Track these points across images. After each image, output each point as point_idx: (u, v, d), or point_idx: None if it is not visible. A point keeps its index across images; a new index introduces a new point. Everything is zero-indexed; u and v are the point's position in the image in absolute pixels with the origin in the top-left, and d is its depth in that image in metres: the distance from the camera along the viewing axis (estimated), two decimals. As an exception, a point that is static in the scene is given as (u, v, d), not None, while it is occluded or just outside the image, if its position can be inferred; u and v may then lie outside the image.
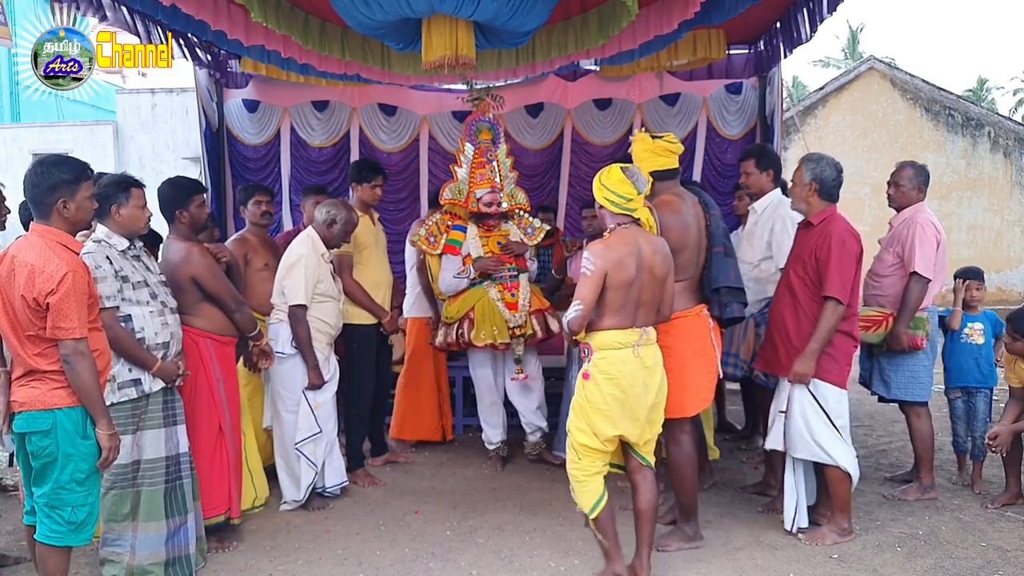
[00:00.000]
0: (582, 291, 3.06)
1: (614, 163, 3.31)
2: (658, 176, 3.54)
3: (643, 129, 3.86)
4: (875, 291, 4.28)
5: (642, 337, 3.13)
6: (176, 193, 3.66)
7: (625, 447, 3.25)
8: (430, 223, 5.01)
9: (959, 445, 4.60)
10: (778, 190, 4.37)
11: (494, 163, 4.94)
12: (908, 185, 4.27)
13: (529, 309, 4.81)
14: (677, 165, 3.64)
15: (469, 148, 4.98)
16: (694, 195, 3.71)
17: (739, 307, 3.73)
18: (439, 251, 4.92)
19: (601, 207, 3.22)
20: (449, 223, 4.97)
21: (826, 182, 3.71)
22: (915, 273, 4.08)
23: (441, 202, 4.99)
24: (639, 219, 3.19)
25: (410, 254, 5.52)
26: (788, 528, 3.76)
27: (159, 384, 3.29)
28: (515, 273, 4.86)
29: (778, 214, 4.22)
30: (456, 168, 5.00)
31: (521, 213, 5.08)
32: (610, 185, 3.16)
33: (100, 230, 3.28)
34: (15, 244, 2.85)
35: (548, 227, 5.22)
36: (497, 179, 4.91)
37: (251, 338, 3.90)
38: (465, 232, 4.92)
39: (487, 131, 5.01)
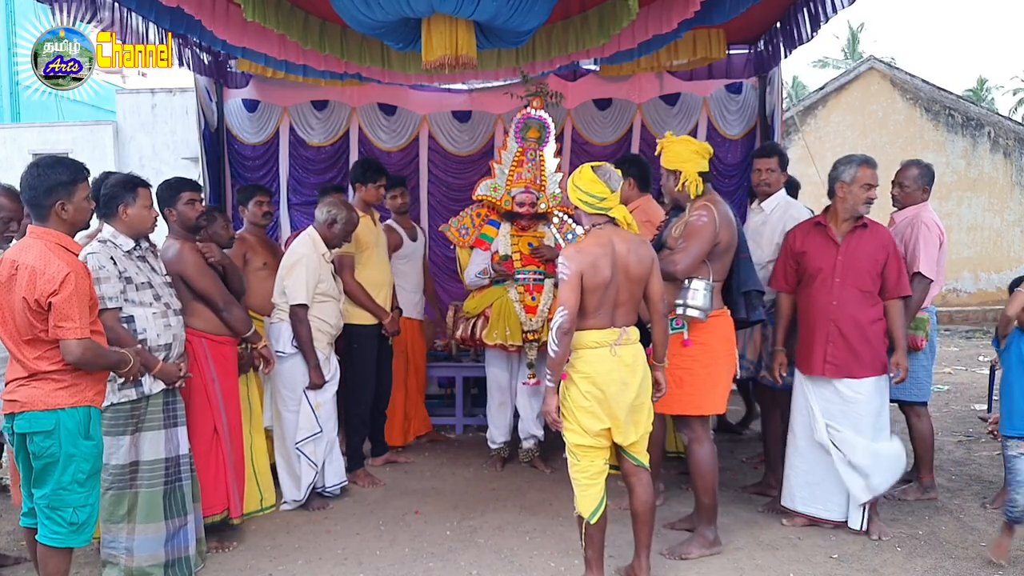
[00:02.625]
0: (563, 296, 3.06)
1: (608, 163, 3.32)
2: (703, 178, 3.60)
3: (662, 134, 3.83)
4: None
5: (621, 336, 3.12)
6: (164, 192, 3.68)
7: (618, 449, 3.25)
8: (464, 214, 5.00)
9: (1015, 511, 3.45)
10: (783, 190, 4.36)
11: (536, 162, 4.90)
12: (913, 185, 4.27)
13: (549, 315, 4.78)
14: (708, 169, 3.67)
15: (513, 145, 4.93)
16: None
17: (763, 310, 3.85)
18: (470, 244, 4.91)
19: (576, 208, 3.23)
20: (485, 217, 4.96)
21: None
22: (918, 273, 4.09)
23: (474, 197, 4.98)
24: (615, 219, 3.19)
25: (413, 248, 5.49)
26: (859, 528, 3.77)
27: (159, 386, 3.29)
28: (540, 277, 4.84)
29: (789, 216, 4.20)
30: (495, 164, 4.97)
31: (563, 217, 5.01)
32: (582, 186, 3.15)
33: (106, 230, 3.29)
34: (14, 248, 2.85)
35: None
36: (538, 179, 4.89)
37: (247, 339, 3.88)
38: (498, 228, 4.91)
39: (536, 129, 4.92)
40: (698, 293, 3.48)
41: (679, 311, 3.50)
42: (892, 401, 4.40)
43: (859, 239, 3.76)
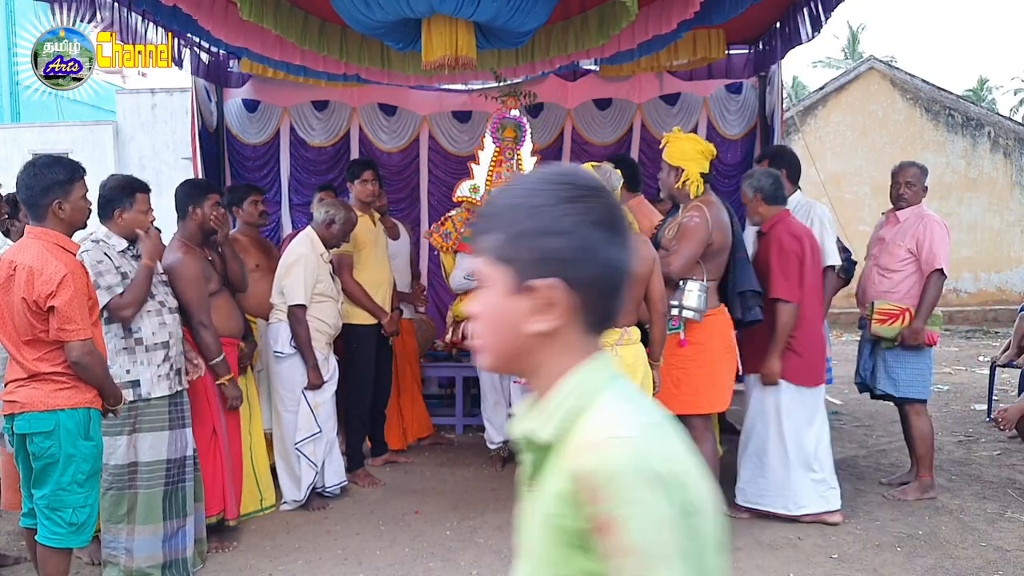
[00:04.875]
0: None
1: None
2: (703, 179, 3.62)
3: (662, 134, 3.85)
4: (885, 287, 4.29)
5: (622, 336, 3.13)
6: (192, 190, 3.70)
7: None
8: (446, 219, 5.01)
9: None
10: (799, 191, 4.40)
11: (514, 161, 4.92)
12: (919, 183, 4.36)
13: None
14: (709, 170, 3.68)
15: (490, 145, 4.95)
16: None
17: (759, 310, 3.85)
18: (454, 248, 4.92)
19: None
20: (466, 220, 4.97)
21: (765, 189, 3.95)
22: (939, 270, 4.16)
23: (454, 199, 4.99)
24: None
25: (396, 248, 5.47)
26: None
27: (161, 391, 3.28)
28: None
29: (814, 214, 4.27)
30: (474, 165, 4.98)
31: None
32: None
33: (100, 230, 3.29)
34: (12, 248, 2.85)
35: None
36: None
37: (213, 367, 3.65)
38: None
39: (511, 129, 4.97)
40: (692, 294, 3.51)
41: (674, 312, 3.52)
42: (888, 399, 4.39)
43: (760, 248, 3.97)
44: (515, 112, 5.00)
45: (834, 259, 4.18)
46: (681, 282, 3.52)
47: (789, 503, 3.91)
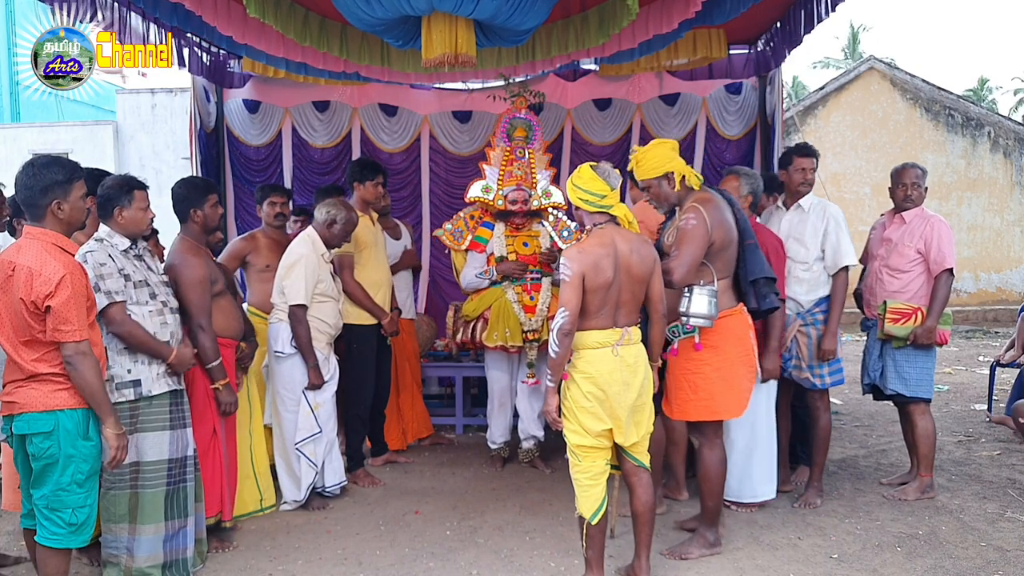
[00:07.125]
0: (564, 297, 3.06)
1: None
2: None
3: (633, 148, 3.72)
4: (895, 287, 4.28)
5: (623, 337, 3.12)
6: (190, 192, 3.67)
7: (618, 450, 3.25)
8: (457, 218, 5.01)
9: None
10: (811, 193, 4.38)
11: (525, 160, 4.92)
12: (923, 184, 4.37)
13: (548, 314, 4.78)
14: None
15: (501, 145, 4.95)
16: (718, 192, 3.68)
17: (775, 297, 3.70)
18: (464, 247, 4.92)
19: (578, 209, 3.23)
20: (479, 219, 4.97)
21: (757, 195, 4.03)
22: (948, 270, 4.19)
23: (466, 199, 4.99)
24: (616, 217, 3.18)
25: (397, 248, 5.47)
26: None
27: (161, 387, 3.27)
28: (537, 276, 4.85)
29: (829, 214, 4.23)
30: (485, 165, 4.98)
31: (558, 214, 5.01)
32: (582, 184, 3.15)
33: (102, 229, 3.29)
34: (10, 249, 2.85)
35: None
36: (529, 177, 4.90)
37: (209, 371, 3.60)
38: (492, 230, 4.91)
39: (522, 128, 4.96)
40: (701, 299, 3.37)
41: (683, 320, 3.41)
42: (898, 398, 4.37)
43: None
44: (524, 112, 4.99)
45: (851, 259, 4.18)
46: (686, 290, 3.41)
47: (756, 490, 4.10)
